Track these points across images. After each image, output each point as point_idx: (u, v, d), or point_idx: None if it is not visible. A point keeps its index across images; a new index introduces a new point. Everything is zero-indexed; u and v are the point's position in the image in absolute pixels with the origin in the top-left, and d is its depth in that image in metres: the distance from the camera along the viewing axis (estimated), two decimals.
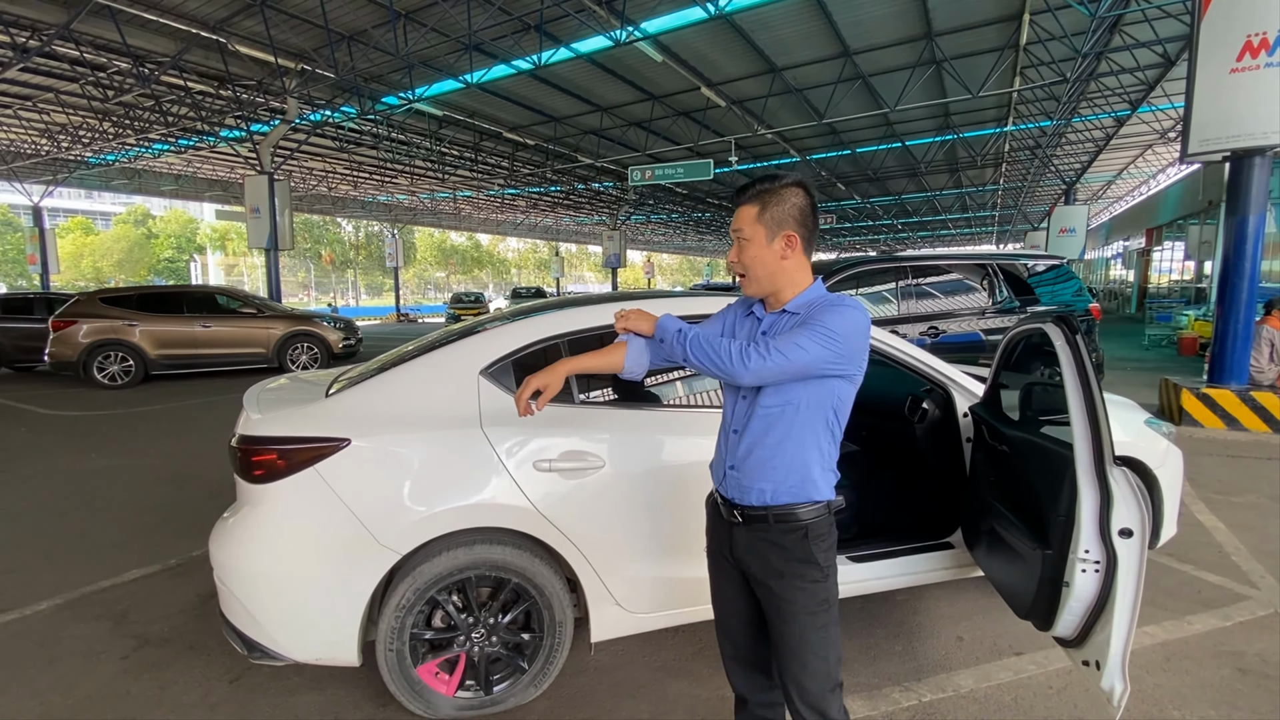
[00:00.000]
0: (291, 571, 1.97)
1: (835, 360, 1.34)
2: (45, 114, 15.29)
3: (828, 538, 1.44)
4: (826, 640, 1.43)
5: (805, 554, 1.41)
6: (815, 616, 1.42)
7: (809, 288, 1.46)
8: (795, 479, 1.41)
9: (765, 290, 1.48)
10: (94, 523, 3.95)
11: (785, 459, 1.41)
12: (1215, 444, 5.62)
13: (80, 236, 41.41)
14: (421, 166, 21.00)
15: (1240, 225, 6.03)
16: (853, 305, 1.38)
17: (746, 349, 1.33)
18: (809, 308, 1.41)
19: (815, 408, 1.39)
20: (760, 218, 1.43)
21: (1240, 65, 5.59)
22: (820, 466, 1.42)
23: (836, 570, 1.47)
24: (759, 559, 1.47)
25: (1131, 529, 1.63)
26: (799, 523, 1.41)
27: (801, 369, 1.33)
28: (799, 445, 1.40)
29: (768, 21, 10.37)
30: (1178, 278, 21.13)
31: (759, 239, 1.43)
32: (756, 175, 1.47)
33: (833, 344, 1.32)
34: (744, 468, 1.46)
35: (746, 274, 1.48)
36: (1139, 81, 12.68)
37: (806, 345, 1.32)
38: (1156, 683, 2.27)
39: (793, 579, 1.42)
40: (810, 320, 1.36)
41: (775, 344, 1.32)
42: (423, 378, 2.19)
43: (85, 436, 6.25)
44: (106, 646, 2.58)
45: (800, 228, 1.43)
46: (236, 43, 11.03)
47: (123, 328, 9.31)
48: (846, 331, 1.34)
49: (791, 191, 1.43)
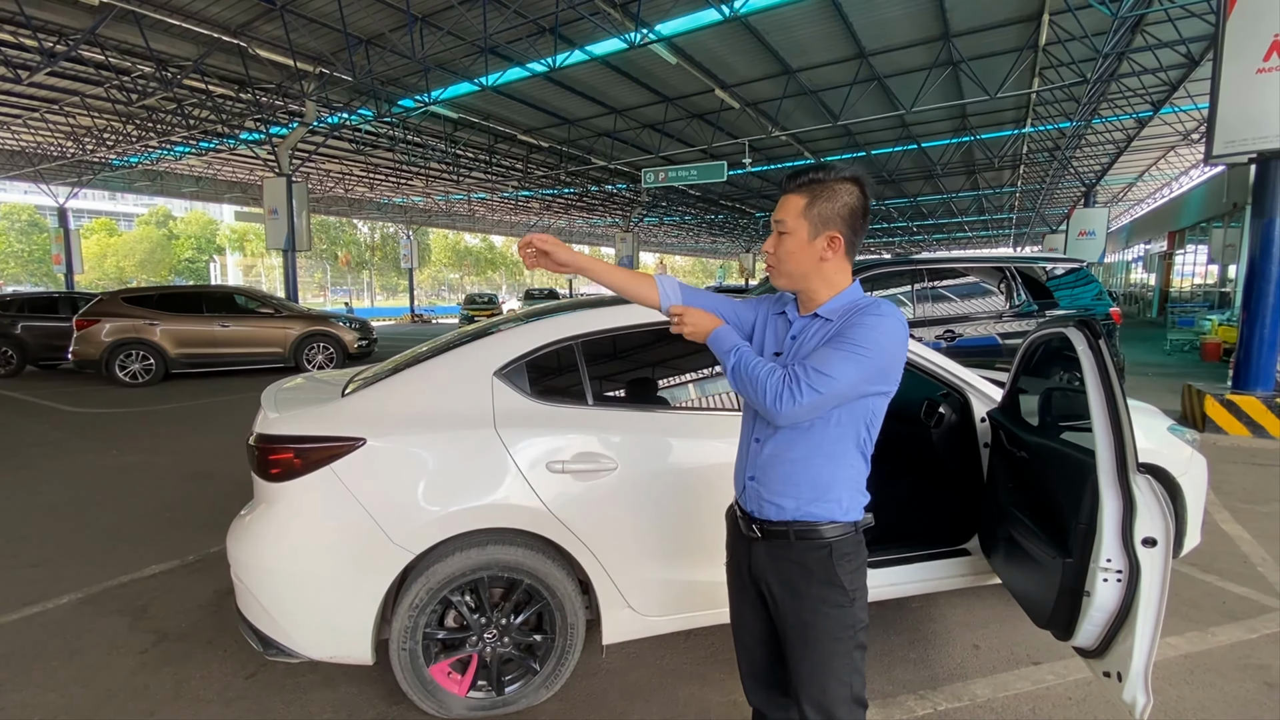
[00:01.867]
0: (307, 570, 1.99)
1: (869, 380, 1.25)
2: (71, 117, 15.62)
3: (854, 559, 1.34)
4: (851, 666, 1.33)
5: (828, 575, 1.31)
6: (840, 643, 1.32)
7: (844, 290, 1.35)
8: (821, 496, 1.32)
9: (793, 287, 1.39)
10: (115, 518, 4.02)
11: (810, 475, 1.32)
12: (1240, 452, 5.50)
13: (104, 237, 42.26)
14: (437, 169, 21.17)
15: (1267, 228, 5.91)
16: (889, 314, 1.28)
17: (780, 390, 1.23)
18: (842, 315, 1.31)
19: (845, 423, 1.30)
20: (806, 212, 1.32)
21: (1267, 65, 5.48)
22: (849, 485, 1.33)
23: (866, 593, 1.36)
24: (779, 578, 1.37)
25: (1155, 538, 1.60)
26: (822, 540, 1.32)
27: (836, 399, 1.24)
28: (826, 461, 1.31)
29: (783, 23, 10.33)
30: (1200, 282, 20.74)
31: (800, 234, 1.33)
32: (810, 164, 1.36)
33: (866, 362, 1.23)
34: (765, 480, 1.37)
35: (777, 267, 1.38)
36: (1161, 82, 12.46)
37: (838, 371, 1.22)
38: (1179, 695, 2.22)
39: (815, 602, 1.32)
40: (842, 334, 1.26)
41: (806, 378, 1.22)
42: (437, 378, 2.21)
43: (107, 433, 6.36)
44: (126, 641, 2.62)
45: (847, 229, 1.32)
46: (257, 46, 11.19)
47: (144, 327, 9.47)
48: (881, 345, 1.24)
49: (845, 188, 1.32)
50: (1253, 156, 5.83)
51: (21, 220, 39.36)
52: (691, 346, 2.39)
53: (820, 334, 1.32)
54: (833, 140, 17.74)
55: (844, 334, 1.26)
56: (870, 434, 1.34)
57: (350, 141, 17.98)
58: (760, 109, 14.39)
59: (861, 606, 1.35)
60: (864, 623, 1.35)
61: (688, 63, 11.73)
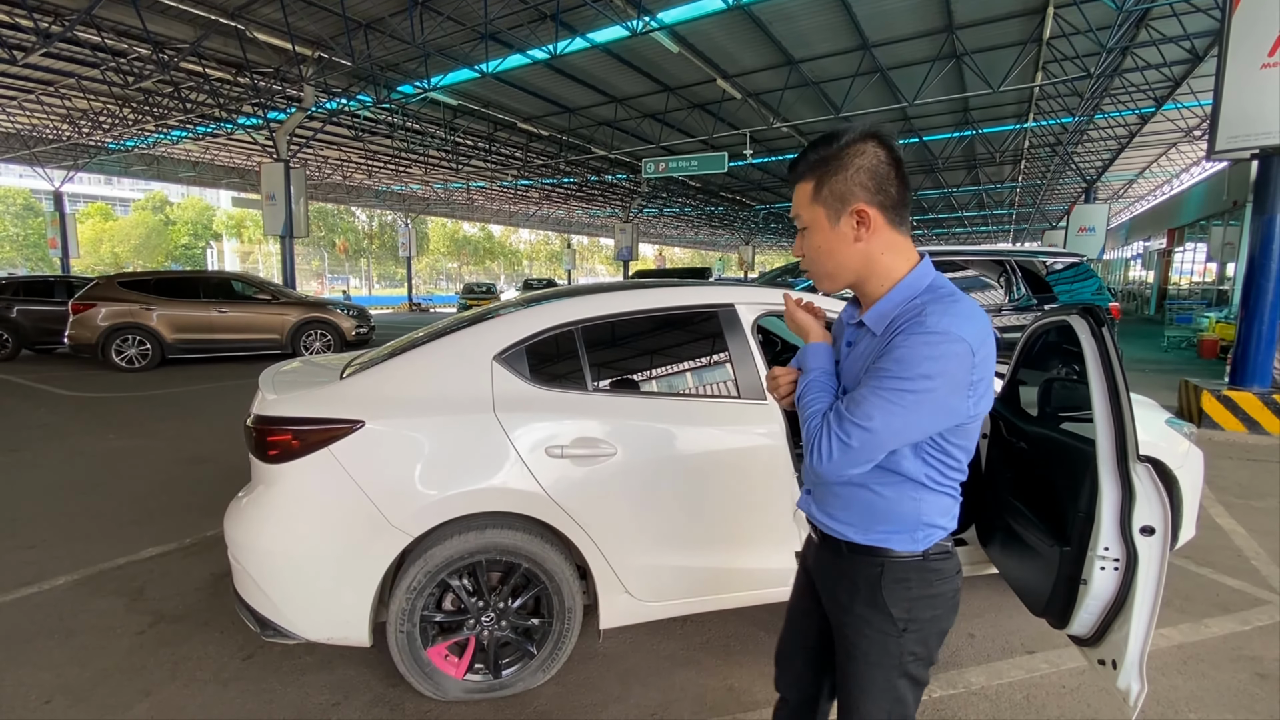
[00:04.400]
0: (305, 551, 1.99)
1: (923, 423, 1.02)
2: (67, 99, 15.46)
3: (914, 586, 1.12)
4: (893, 696, 1.15)
5: (873, 598, 1.13)
6: (882, 670, 1.15)
7: (901, 280, 1.09)
8: (874, 527, 1.14)
9: (841, 286, 1.15)
10: (111, 501, 4.01)
11: (861, 504, 1.14)
12: (1235, 447, 5.52)
13: (99, 222, 41.94)
14: (436, 156, 21.03)
15: (1268, 225, 5.90)
16: (939, 330, 0.98)
17: (812, 442, 1.06)
18: (891, 323, 1.06)
19: (896, 457, 1.09)
20: (817, 195, 1.10)
21: (1271, 60, 5.46)
22: (909, 517, 1.11)
23: (930, 625, 1.15)
24: (826, 584, 1.24)
25: (1154, 527, 1.60)
26: (875, 561, 1.14)
27: (881, 450, 1.03)
28: (876, 494, 1.12)
29: (786, 12, 10.24)
30: (1198, 279, 20.76)
31: (820, 224, 1.11)
32: (812, 141, 1.13)
33: (909, 400, 0.98)
34: (819, 496, 1.22)
35: (812, 270, 1.16)
36: (1165, 78, 12.41)
37: (876, 420, 1.00)
38: (1172, 685, 2.24)
39: (859, 622, 1.16)
40: (882, 360, 1.02)
41: (839, 428, 1.03)
42: (437, 362, 2.20)
43: (103, 417, 6.34)
44: (122, 622, 2.62)
45: (875, 195, 1.06)
46: (255, 30, 11.07)
47: (140, 312, 9.43)
48: (925, 376, 0.98)
49: (857, 150, 1.07)
50: (1255, 152, 5.81)
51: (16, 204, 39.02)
52: (692, 334, 2.40)
53: (866, 353, 1.09)
54: None
55: (885, 361, 1.02)
56: (940, 468, 1.10)
57: (349, 128, 17.82)
58: (762, 100, 14.30)
59: (916, 639, 1.14)
60: (917, 655, 1.15)
61: (690, 52, 11.64)
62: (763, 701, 2.15)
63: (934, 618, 1.15)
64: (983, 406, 1.05)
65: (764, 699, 2.16)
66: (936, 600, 1.14)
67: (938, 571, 1.14)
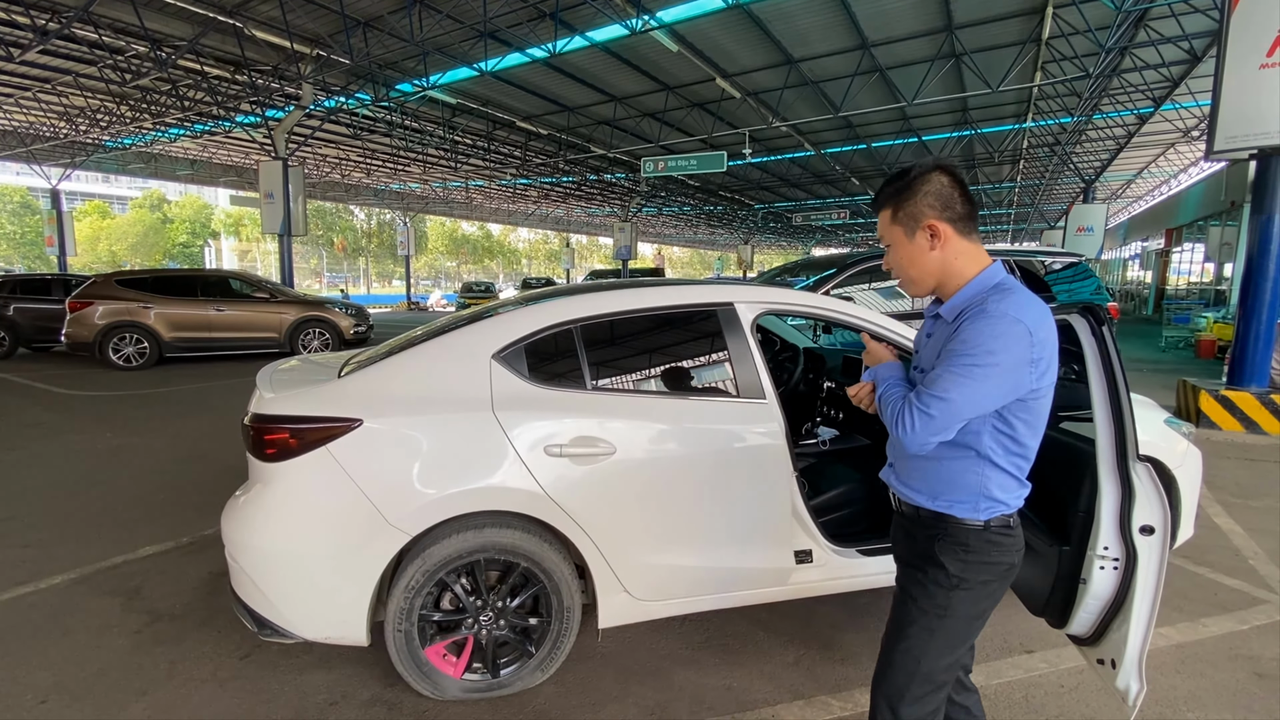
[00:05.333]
0: (302, 550, 1.98)
1: (994, 394, 1.20)
2: (64, 97, 15.40)
3: (973, 551, 1.31)
4: (925, 644, 1.34)
5: (930, 552, 1.34)
6: (925, 615, 1.34)
7: (973, 280, 1.30)
8: (941, 495, 1.34)
9: (925, 290, 1.38)
10: (108, 500, 4.00)
11: (931, 474, 1.35)
12: (1233, 447, 5.53)
13: (97, 220, 41.84)
14: (434, 155, 20.99)
15: (1266, 225, 5.91)
16: (999, 313, 1.19)
17: (896, 418, 1.25)
18: (961, 312, 1.28)
19: (965, 431, 1.27)
20: (895, 219, 1.35)
21: (1270, 60, 5.47)
22: (975, 488, 1.30)
23: (983, 588, 1.33)
24: (899, 547, 1.48)
25: (1153, 526, 1.59)
26: (942, 527, 1.34)
27: (960, 420, 1.22)
28: (946, 466, 1.32)
29: (786, 12, 10.24)
30: (1196, 279, 20.79)
31: (900, 240, 1.35)
32: (888, 177, 1.37)
33: (979, 374, 1.17)
34: (899, 469, 1.44)
35: (901, 279, 1.40)
36: (1163, 78, 12.41)
37: (952, 392, 1.19)
38: (1171, 684, 2.24)
39: (915, 570, 1.38)
40: (953, 343, 1.23)
41: (920, 403, 1.22)
42: (436, 360, 2.19)
43: (100, 416, 6.32)
44: (119, 621, 2.61)
45: (943, 212, 1.30)
46: (253, 27, 11.03)
47: (138, 310, 9.40)
48: (991, 352, 1.17)
49: (924, 180, 1.32)
50: (1253, 152, 5.82)
51: (13, 202, 38.92)
52: (691, 333, 2.40)
53: (940, 338, 1.31)
54: (833, 132, 17.65)
55: (954, 344, 1.23)
56: (1005, 443, 1.29)
57: (347, 126, 17.79)
58: (761, 99, 14.29)
59: (968, 598, 1.32)
60: (964, 613, 1.33)
61: (689, 50, 11.62)
62: (761, 701, 2.15)
63: (985, 582, 1.33)
64: (1046, 381, 1.24)
65: (763, 698, 2.16)
66: (992, 568, 1.32)
67: (997, 544, 1.32)
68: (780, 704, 2.13)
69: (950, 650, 1.36)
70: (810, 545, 2.30)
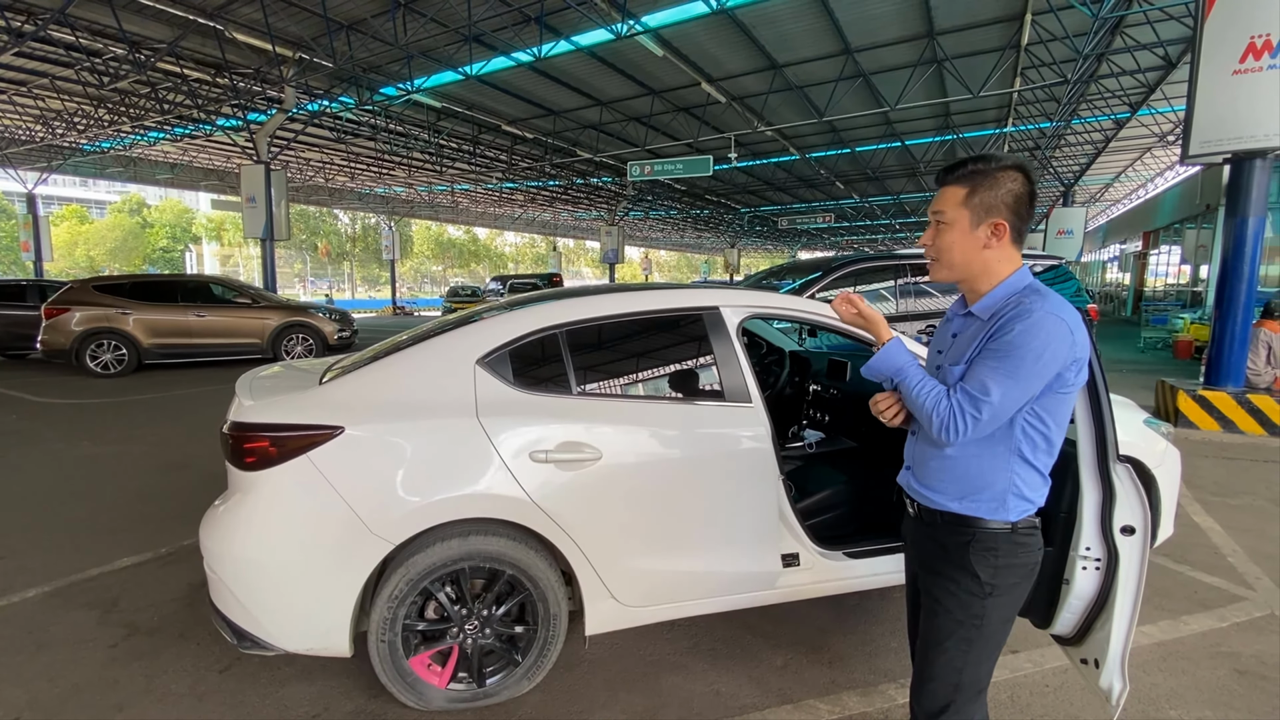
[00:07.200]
0: (283, 560, 1.94)
1: (1029, 393, 1.22)
2: (40, 100, 15.12)
3: (1002, 555, 1.32)
4: (965, 654, 1.35)
5: (963, 561, 1.33)
6: (961, 626, 1.34)
7: (1005, 280, 1.32)
8: (969, 495, 1.32)
9: (955, 278, 1.37)
10: (85, 510, 3.91)
11: (959, 473, 1.33)
12: (1211, 446, 5.63)
13: (74, 225, 41.08)
14: (419, 159, 20.86)
15: (1240, 227, 6.03)
16: (1039, 314, 1.21)
17: (946, 421, 1.24)
18: (996, 313, 1.28)
19: (1005, 423, 1.28)
20: (967, 201, 1.31)
21: (1243, 67, 5.59)
22: (1003, 488, 1.30)
23: (1013, 592, 1.35)
24: (920, 554, 1.45)
25: (1134, 526, 1.61)
26: (967, 531, 1.33)
27: (1002, 418, 1.24)
28: (976, 464, 1.31)
29: (770, 17, 10.31)
30: (1173, 281, 21.17)
31: (961, 224, 1.32)
32: (970, 156, 1.35)
33: (1021, 373, 1.20)
34: (919, 470, 1.41)
35: (938, 259, 1.37)
36: (1139, 84, 12.67)
37: (995, 392, 1.20)
38: (1153, 682, 2.27)
39: (947, 581, 1.36)
40: (993, 342, 1.24)
41: (970, 405, 1.22)
42: (419, 366, 2.16)
43: (77, 424, 6.20)
44: (95, 635, 2.55)
45: (1012, 215, 1.30)
46: (234, 30, 10.91)
47: (116, 316, 9.23)
48: (1033, 352, 1.19)
49: (1009, 175, 1.29)
50: (1227, 156, 5.94)
51: None
52: (676, 337, 2.39)
53: (975, 337, 1.30)
54: (818, 136, 17.79)
55: (994, 343, 1.24)
56: (1036, 440, 1.29)
57: (331, 129, 17.63)
58: (746, 103, 14.37)
59: (1003, 603, 1.33)
60: (997, 618, 1.33)
61: (674, 55, 11.67)
62: (750, 705, 2.14)
63: (1015, 585, 1.34)
64: (1082, 378, 1.28)
65: (751, 703, 2.15)
66: (1019, 570, 1.33)
67: (1024, 545, 1.33)
68: (769, 708, 2.12)
69: (990, 656, 1.38)
70: (797, 549, 2.30)
